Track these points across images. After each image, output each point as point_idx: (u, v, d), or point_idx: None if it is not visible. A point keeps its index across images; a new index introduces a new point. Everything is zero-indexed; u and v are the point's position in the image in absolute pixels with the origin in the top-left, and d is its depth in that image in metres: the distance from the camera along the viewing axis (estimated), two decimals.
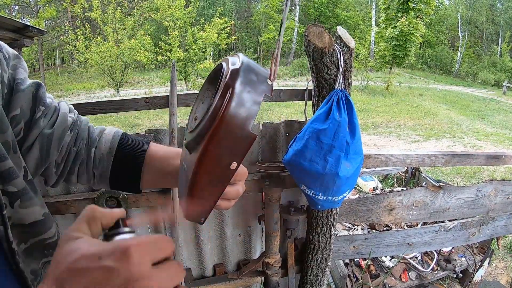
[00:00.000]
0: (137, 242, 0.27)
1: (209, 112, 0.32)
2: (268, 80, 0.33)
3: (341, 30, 1.18)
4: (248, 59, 0.35)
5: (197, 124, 0.34)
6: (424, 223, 2.29)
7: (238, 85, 0.31)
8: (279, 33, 0.36)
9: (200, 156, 0.33)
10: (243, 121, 0.32)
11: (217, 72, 0.36)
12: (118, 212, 0.34)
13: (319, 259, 1.47)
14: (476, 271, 2.21)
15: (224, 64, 0.35)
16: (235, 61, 0.34)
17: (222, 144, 0.32)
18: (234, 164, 0.33)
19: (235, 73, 0.32)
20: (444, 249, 2.29)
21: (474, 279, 2.23)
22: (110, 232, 0.32)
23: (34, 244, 0.47)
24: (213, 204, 0.37)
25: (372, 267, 2.17)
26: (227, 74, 0.32)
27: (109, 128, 0.60)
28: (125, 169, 0.56)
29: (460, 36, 29.32)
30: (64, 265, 0.26)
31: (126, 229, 0.32)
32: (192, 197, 0.37)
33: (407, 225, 2.48)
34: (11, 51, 0.49)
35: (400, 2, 17.04)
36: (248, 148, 0.33)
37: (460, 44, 28.96)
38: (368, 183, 3.63)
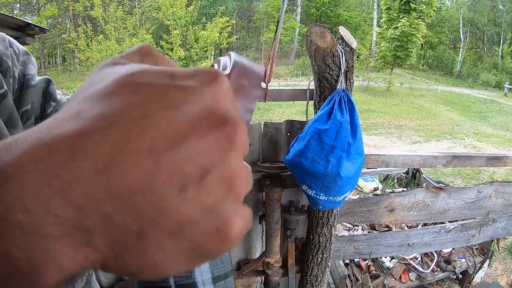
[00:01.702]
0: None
1: None
2: (263, 83, 0.32)
3: (343, 30, 1.18)
4: (241, 59, 0.33)
5: None
6: (425, 224, 2.29)
7: None
8: (275, 32, 0.35)
9: None
10: None
11: None
12: (174, 63, 0.24)
13: (319, 259, 1.48)
14: (476, 273, 2.21)
15: (215, 66, 0.34)
16: (226, 63, 0.33)
17: None
18: None
19: None
20: (444, 250, 2.29)
21: (474, 280, 2.23)
22: None
23: None
24: None
25: (372, 268, 2.17)
26: None
27: None
28: None
29: (462, 37, 29.28)
30: (112, 79, 0.16)
31: None
32: None
33: (407, 226, 2.48)
34: (21, 47, 0.49)
35: (402, 2, 17.04)
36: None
37: (461, 45, 28.93)
38: (368, 184, 3.62)
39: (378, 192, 3.30)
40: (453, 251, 2.33)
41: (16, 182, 0.13)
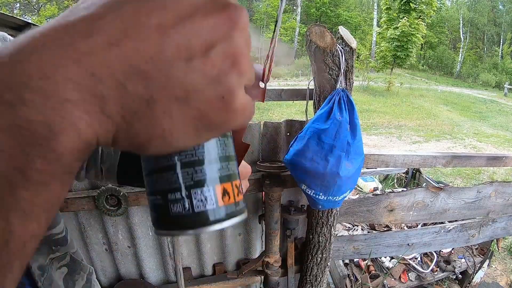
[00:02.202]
0: None
1: None
2: (261, 83, 0.31)
3: (342, 30, 1.17)
4: None
5: None
6: (424, 224, 2.29)
7: None
8: (274, 32, 0.35)
9: None
10: (235, 132, 0.30)
11: None
12: None
13: (319, 259, 1.48)
14: (476, 273, 2.21)
15: None
16: None
17: None
18: None
19: None
20: (444, 250, 2.29)
21: (473, 280, 2.23)
22: None
23: (42, 239, 0.46)
24: None
25: (371, 268, 2.17)
26: None
27: None
28: (134, 163, 0.56)
29: (462, 37, 29.27)
30: None
31: None
32: None
33: (407, 226, 2.48)
34: None
35: (402, 3, 17.03)
36: (242, 158, 0.33)
37: (461, 46, 28.93)
38: (368, 184, 3.62)
39: (378, 192, 3.30)
40: (452, 251, 2.33)
41: (37, 56, 0.14)
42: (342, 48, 1.13)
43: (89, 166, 0.56)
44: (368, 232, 2.39)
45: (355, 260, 2.24)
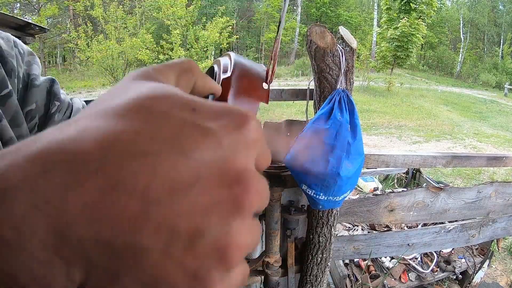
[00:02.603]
0: (255, 116, 0.17)
1: None
2: (264, 84, 0.31)
3: (343, 30, 1.18)
4: (241, 59, 0.32)
5: None
6: (424, 224, 2.29)
7: (230, 98, 0.29)
8: (277, 32, 0.35)
9: None
10: None
11: (211, 75, 0.33)
12: (216, 85, 0.24)
13: (319, 259, 1.48)
14: (476, 273, 2.21)
15: (216, 68, 0.33)
16: (226, 64, 0.31)
17: None
18: None
19: (226, 83, 0.29)
20: (444, 251, 2.29)
21: (473, 280, 2.23)
22: None
23: None
24: None
25: (371, 268, 2.17)
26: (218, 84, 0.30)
27: None
28: None
29: (462, 37, 29.29)
30: (129, 98, 0.15)
31: None
32: None
33: (407, 226, 2.48)
34: (26, 47, 0.50)
35: (402, 3, 17.05)
36: None
37: (461, 46, 28.94)
38: (368, 184, 3.62)
39: (378, 192, 3.30)
40: (453, 251, 2.33)
41: (9, 198, 0.13)
42: (343, 48, 1.13)
43: None
44: (368, 232, 2.40)
45: (355, 260, 2.25)
